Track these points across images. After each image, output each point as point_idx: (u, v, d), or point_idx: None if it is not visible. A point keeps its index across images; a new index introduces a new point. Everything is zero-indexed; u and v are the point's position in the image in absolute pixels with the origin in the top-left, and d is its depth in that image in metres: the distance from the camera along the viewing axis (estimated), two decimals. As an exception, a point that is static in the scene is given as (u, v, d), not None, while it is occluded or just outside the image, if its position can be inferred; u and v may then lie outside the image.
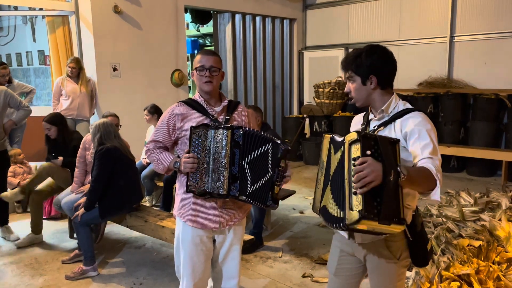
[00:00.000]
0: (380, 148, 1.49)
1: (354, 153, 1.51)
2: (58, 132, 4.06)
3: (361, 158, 1.47)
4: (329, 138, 1.75)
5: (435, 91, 6.64)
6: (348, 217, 1.50)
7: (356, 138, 1.51)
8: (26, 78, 8.97)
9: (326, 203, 1.71)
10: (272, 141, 2.03)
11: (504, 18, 6.18)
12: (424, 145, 1.65)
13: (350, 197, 1.50)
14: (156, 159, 2.20)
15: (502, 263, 3.04)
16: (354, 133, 1.54)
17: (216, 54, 2.23)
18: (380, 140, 1.51)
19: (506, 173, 5.81)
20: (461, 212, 3.90)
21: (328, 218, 1.68)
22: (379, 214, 1.46)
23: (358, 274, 1.94)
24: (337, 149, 1.65)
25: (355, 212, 1.47)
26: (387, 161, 1.47)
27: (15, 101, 4.17)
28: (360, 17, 7.71)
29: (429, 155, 1.63)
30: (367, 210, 1.45)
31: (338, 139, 1.67)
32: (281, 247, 3.93)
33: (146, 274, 3.47)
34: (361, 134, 1.52)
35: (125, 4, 5.80)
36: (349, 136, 1.56)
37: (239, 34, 7.59)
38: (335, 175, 1.65)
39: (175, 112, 2.19)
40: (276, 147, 2.02)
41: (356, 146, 1.51)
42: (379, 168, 1.45)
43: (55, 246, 4.06)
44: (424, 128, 1.68)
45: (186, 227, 2.21)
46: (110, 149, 3.41)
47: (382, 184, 1.45)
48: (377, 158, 1.48)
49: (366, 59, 1.76)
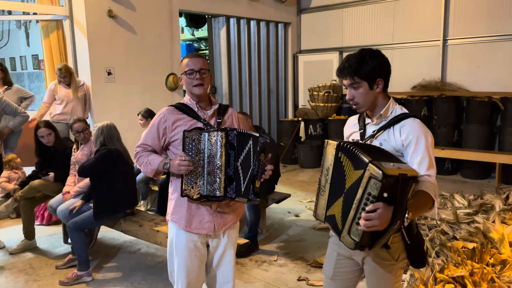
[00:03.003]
0: (398, 191, 1.50)
1: (371, 189, 1.51)
2: (56, 139, 4.03)
3: (373, 205, 1.50)
4: (335, 145, 1.71)
5: (429, 94, 6.68)
6: (344, 238, 1.64)
7: (380, 178, 1.48)
8: (20, 82, 8.93)
9: (335, 213, 1.73)
10: (252, 136, 2.04)
11: (497, 21, 6.23)
12: (421, 159, 1.71)
13: (352, 222, 1.59)
14: (145, 161, 2.16)
15: (496, 265, 3.05)
16: (379, 170, 1.48)
17: (202, 56, 2.22)
18: (402, 180, 1.50)
19: (499, 175, 5.84)
20: (455, 214, 3.92)
21: (334, 227, 1.74)
22: (372, 245, 1.60)
23: (355, 278, 1.94)
24: (358, 167, 1.59)
25: (351, 241, 1.60)
26: (398, 207, 1.51)
27: (11, 108, 4.15)
28: (354, 21, 7.75)
29: (426, 172, 1.70)
30: (362, 243, 1.58)
31: (361, 157, 1.57)
32: (277, 251, 3.93)
33: (140, 279, 3.45)
34: (385, 174, 1.47)
35: (119, 8, 5.79)
36: (373, 169, 1.50)
37: (233, 38, 7.60)
38: (350, 191, 1.63)
39: (166, 116, 2.16)
40: (255, 141, 2.02)
41: (376, 184, 1.50)
42: (388, 217, 1.50)
43: (49, 252, 4.04)
44: (420, 139, 1.72)
45: (180, 232, 2.19)
46: (113, 151, 3.41)
47: (384, 229, 1.54)
48: (391, 202, 1.50)
49: (372, 62, 1.75)
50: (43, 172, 4.03)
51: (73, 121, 3.84)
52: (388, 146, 1.77)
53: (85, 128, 3.82)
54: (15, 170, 4.90)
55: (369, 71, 1.75)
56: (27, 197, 3.98)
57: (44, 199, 4.13)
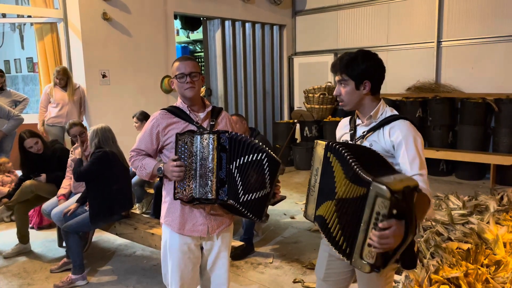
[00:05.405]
0: (406, 205, 1.47)
1: (380, 207, 1.48)
2: (43, 145, 3.99)
3: (386, 223, 1.46)
4: (324, 145, 1.72)
5: (423, 95, 6.70)
6: (357, 262, 1.58)
7: (388, 197, 1.44)
8: (14, 85, 8.90)
9: (326, 215, 1.72)
10: (268, 155, 1.98)
11: (490, 23, 6.27)
12: (412, 159, 1.71)
13: (363, 245, 1.54)
14: (140, 165, 2.17)
15: (490, 266, 3.06)
16: (384, 187, 1.45)
17: (193, 58, 2.22)
18: (408, 193, 1.48)
19: (494, 176, 5.87)
20: (450, 215, 3.93)
21: (327, 233, 1.71)
22: (385, 264, 1.55)
23: (347, 279, 1.94)
24: (357, 182, 1.56)
25: (366, 264, 1.55)
26: (410, 221, 1.48)
27: (4, 112, 4.13)
28: (348, 23, 7.78)
29: (418, 172, 1.70)
30: (376, 264, 1.53)
31: (361, 175, 1.53)
32: (272, 253, 3.93)
33: (135, 282, 3.44)
34: (392, 191, 1.43)
35: (114, 11, 5.79)
36: (378, 188, 1.46)
37: (229, 40, 7.61)
38: (348, 204, 1.61)
39: (159, 120, 2.16)
40: (274, 163, 1.98)
41: (384, 203, 1.46)
42: (402, 232, 1.48)
43: (44, 255, 4.01)
44: (410, 140, 1.74)
45: (173, 235, 2.19)
46: (108, 153, 3.41)
47: (399, 245, 1.50)
48: (401, 217, 1.47)
49: (362, 64, 1.77)
50: (35, 173, 4.00)
51: (69, 125, 3.83)
52: (377, 147, 1.79)
53: (82, 131, 3.81)
54: (7, 174, 4.87)
55: (357, 71, 1.78)
56: (21, 201, 3.96)
57: (37, 202, 4.10)
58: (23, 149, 3.92)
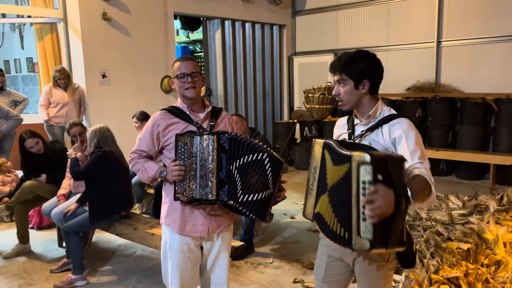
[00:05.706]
0: (391, 171, 1.46)
1: (364, 175, 1.46)
2: (44, 144, 3.99)
3: (373, 187, 1.43)
4: (322, 143, 1.74)
5: (423, 95, 6.70)
6: (357, 243, 1.51)
7: (368, 161, 1.44)
8: (14, 85, 8.90)
9: (322, 211, 1.72)
10: (269, 155, 1.98)
11: (490, 23, 6.27)
12: (412, 150, 1.71)
13: (358, 221, 1.50)
14: (141, 169, 2.17)
15: (490, 266, 3.06)
16: (365, 154, 1.46)
17: (194, 59, 2.22)
18: (391, 161, 1.48)
19: (494, 176, 5.87)
20: (449, 215, 3.93)
21: (325, 229, 1.70)
22: (387, 241, 1.50)
23: (346, 279, 1.94)
24: (340, 162, 1.58)
25: (365, 241, 1.48)
26: (398, 187, 1.46)
27: (3, 112, 4.13)
28: (348, 23, 7.78)
29: (419, 160, 1.69)
30: (376, 239, 1.47)
31: (341, 152, 1.57)
32: (272, 253, 3.93)
33: (135, 282, 3.44)
34: (373, 156, 1.45)
35: (113, 11, 5.78)
36: (358, 156, 1.48)
37: (229, 41, 7.61)
38: (337, 189, 1.62)
39: (158, 121, 2.16)
40: (276, 163, 1.98)
41: (367, 169, 1.45)
42: (391, 198, 1.44)
43: (44, 256, 4.01)
44: (410, 134, 1.75)
45: (173, 235, 2.19)
46: (108, 153, 3.41)
47: (393, 213, 1.46)
48: (389, 184, 1.45)
49: (361, 63, 1.78)
50: (35, 173, 4.00)
51: (69, 125, 3.83)
52: (377, 145, 1.79)
53: (82, 131, 3.81)
54: (7, 174, 4.87)
55: (356, 71, 1.78)
56: (20, 201, 3.96)
57: (37, 202, 4.10)
58: (23, 149, 3.93)
